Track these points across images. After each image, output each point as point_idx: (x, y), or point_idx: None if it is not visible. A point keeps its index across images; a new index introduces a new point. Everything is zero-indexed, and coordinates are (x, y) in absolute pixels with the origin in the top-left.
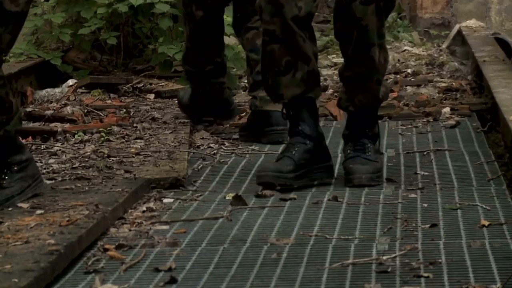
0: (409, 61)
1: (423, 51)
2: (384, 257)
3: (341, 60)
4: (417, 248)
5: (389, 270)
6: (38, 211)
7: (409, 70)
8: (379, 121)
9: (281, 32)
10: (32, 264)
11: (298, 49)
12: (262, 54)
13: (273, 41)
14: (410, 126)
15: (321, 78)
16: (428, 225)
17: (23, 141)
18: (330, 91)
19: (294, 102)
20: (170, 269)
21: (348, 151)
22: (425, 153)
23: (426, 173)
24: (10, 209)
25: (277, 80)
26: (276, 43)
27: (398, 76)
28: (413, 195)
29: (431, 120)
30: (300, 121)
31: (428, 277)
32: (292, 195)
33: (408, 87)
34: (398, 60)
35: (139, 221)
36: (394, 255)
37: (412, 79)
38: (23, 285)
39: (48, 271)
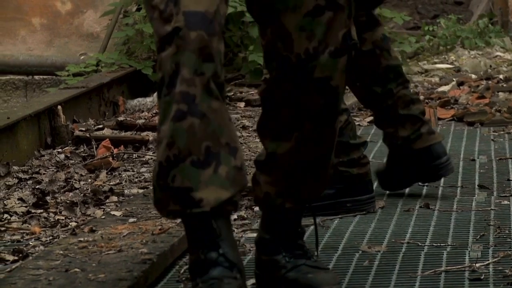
0: (501, 66)
1: None
2: (477, 265)
3: (432, 66)
4: (510, 255)
5: (482, 277)
6: (131, 219)
7: (501, 76)
8: (471, 128)
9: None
10: (125, 273)
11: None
12: (175, 131)
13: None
14: (502, 132)
15: (412, 84)
16: None
17: (115, 150)
18: (421, 97)
19: (216, 211)
20: None
21: (286, 259)
22: None
23: None
24: (103, 217)
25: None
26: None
27: (490, 82)
28: (506, 202)
29: None
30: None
31: None
32: (382, 203)
33: (500, 93)
34: (490, 66)
35: None
36: (487, 262)
37: (504, 85)
38: None
39: (141, 280)
